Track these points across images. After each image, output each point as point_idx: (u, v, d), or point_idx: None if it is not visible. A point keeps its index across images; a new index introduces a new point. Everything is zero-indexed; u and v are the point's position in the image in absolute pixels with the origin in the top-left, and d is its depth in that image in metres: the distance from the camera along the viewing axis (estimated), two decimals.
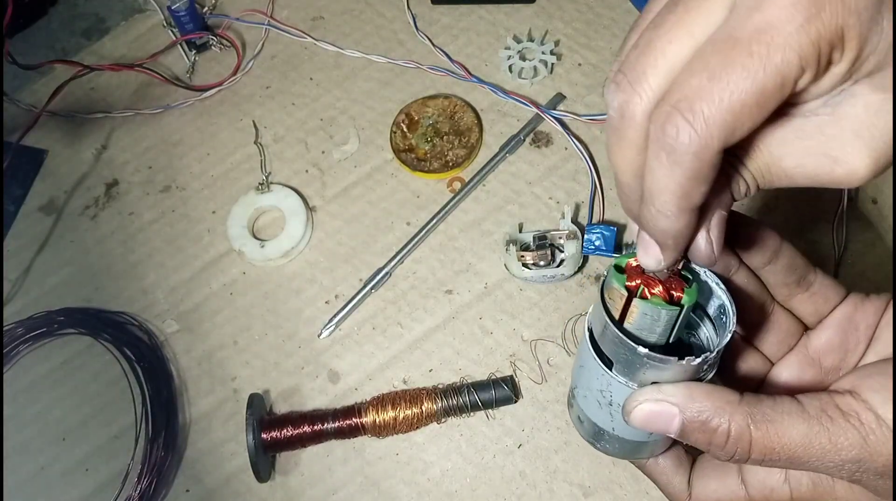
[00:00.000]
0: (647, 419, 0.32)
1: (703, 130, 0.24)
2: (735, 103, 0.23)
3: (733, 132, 0.24)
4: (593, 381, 0.36)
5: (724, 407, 0.31)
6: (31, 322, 0.60)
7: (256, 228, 0.64)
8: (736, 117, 0.24)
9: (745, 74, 0.23)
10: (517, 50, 0.67)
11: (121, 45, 0.74)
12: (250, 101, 0.69)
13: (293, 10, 0.73)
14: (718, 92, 0.23)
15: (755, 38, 0.23)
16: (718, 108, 0.23)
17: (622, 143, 0.27)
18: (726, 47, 0.23)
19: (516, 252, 0.57)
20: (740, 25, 0.23)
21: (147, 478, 0.53)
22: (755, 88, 0.23)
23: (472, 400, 0.53)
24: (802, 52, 0.23)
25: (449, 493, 0.52)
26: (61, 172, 0.68)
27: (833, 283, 0.38)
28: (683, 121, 0.24)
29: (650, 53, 0.25)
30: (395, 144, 0.64)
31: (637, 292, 0.32)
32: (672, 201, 0.26)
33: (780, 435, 0.31)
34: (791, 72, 0.23)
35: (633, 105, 0.26)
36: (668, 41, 0.25)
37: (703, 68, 0.24)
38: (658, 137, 0.25)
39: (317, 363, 0.58)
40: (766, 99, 0.24)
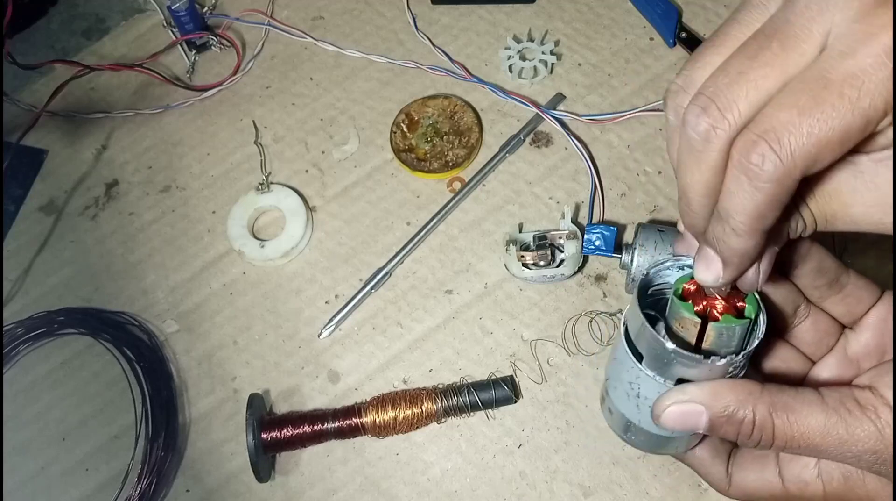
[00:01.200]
0: (676, 419, 0.34)
1: (788, 159, 0.26)
2: (821, 138, 0.25)
3: (814, 164, 0.26)
4: (623, 373, 0.37)
5: (746, 399, 0.33)
6: (31, 322, 0.60)
7: (256, 228, 0.64)
8: (819, 151, 0.26)
9: (834, 114, 0.25)
10: (517, 50, 0.67)
11: (121, 45, 0.74)
12: (250, 101, 0.69)
13: (293, 10, 0.73)
14: (807, 126, 0.25)
15: (847, 82, 0.25)
16: (805, 141, 0.25)
17: (701, 164, 0.28)
18: (818, 87, 0.25)
19: (516, 252, 0.57)
20: (833, 68, 0.25)
21: (147, 478, 0.53)
22: (842, 127, 0.25)
23: (472, 400, 0.53)
24: (888, 99, 0.25)
25: (449, 493, 0.52)
26: (61, 172, 0.68)
27: (867, 284, 0.38)
28: (770, 150, 0.26)
29: (743, 84, 0.27)
30: (395, 144, 0.64)
31: (707, 315, 0.33)
32: (747, 222, 0.28)
33: (799, 424, 0.32)
34: (876, 115, 0.25)
35: (720, 132, 0.27)
36: (762, 75, 0.27)
37: (793, 104, 0.26)
38: (741, 163, 0.27)
39: (317, 363, 0.58)
40: (848, 137, 0.25)
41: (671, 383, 0.35)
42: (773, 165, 0.26)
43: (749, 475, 0.38)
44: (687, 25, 0.67)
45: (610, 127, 0.64)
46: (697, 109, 0.28)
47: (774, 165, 0.26)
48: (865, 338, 0.38)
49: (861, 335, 0.38)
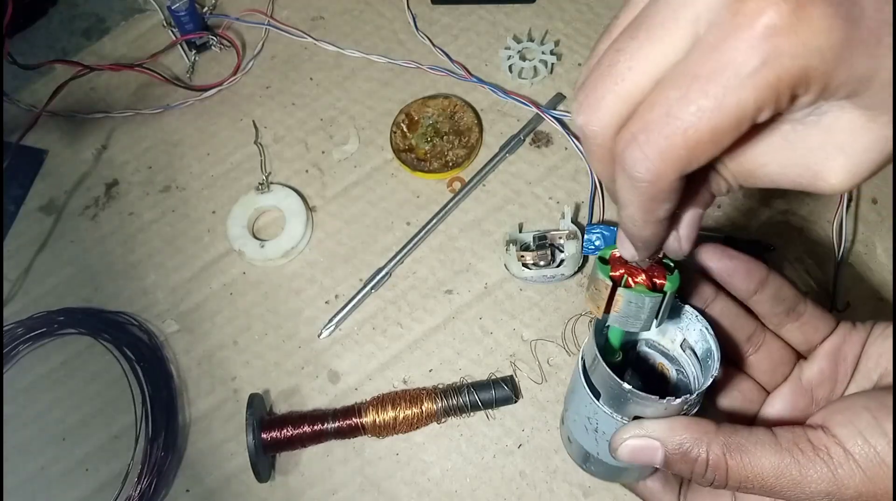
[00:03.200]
0: (632, 453, 0.34)
1: (658, 163, 0.25)
2: (690, 140, 0.24)
3: (689, 164, 0.25)
4: (582, 407, 0.38)
5: (701, 438, 0.33)
6: (31, 322, 0.60)
7: (256, 228, 0.64)
8: (691, 152, 0.24)
9: (700, 114, 0.23)
10: (517, 50, 0.67)
11: (121, 45, 0.74)
12: (250, 101, 0.69)
13: (293, 10, 0.73)
14: (673, 127, 0.24)
15: (711, 79, 0.23)
16: (672, 143, 0.24)
17: (591, 156, 0.28)
18: (685, 83, 0.24)
19: (516, 252, 0.57)
20: (699, 62, 0.24)
21: (147, 478, 0.53)
22: (709, 127, 0.24)
23: (472, 400, 0.53)
24: (758, 95, 0.23)
25: (449, 493, 0.52)
26: (61, 172, 0.68)
27: (823, 313, 0.39)
28: (641, 152, 0.25)
29: (610, 77, 0.26)
30: (395, 144, 0.64)
31: (621, 281, 0.33)
32: (637, 215, 0.28)
33: (753, 465, 0.32)
34: (746, 112, 0.23)
35: (593, 127, 0.26)
36: (628, 67, 0.25)
37: (662, 102, 0.24)
38: (619, 162, 0.26)
39: (317, 363, 0.58)
40: (720, 136, 0.24)
41: (627, 419, 0.36)
42: (645, 168, 0.25)
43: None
44: None
45: None
46: (575, 105, 0.27)
47: (646, 167, 0.25)
48: (819, 366, 0.39)
49: (814, 364, 0.39)
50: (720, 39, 0.23)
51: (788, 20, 0.22)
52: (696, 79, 0.23)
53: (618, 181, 0.27)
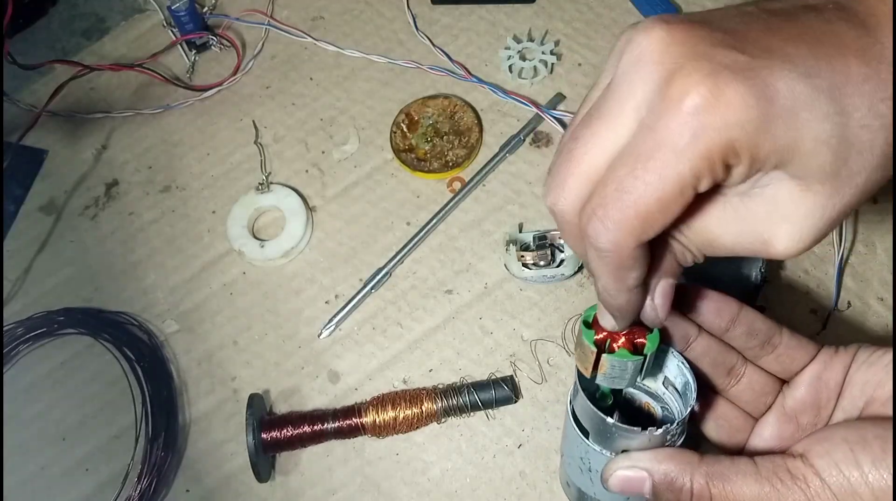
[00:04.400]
0: (622, 484, 0.36)
1: (616, 233, 0.28)
2: (640, 210, 0.27)
3: (644, 232, 0.28)
4: (574, 449, 0.40)
5: (685, 468, 0.34)
6: (31, 322, 0.60)
7: (256, 228, 0.64)
8: (644, 222, 0.28)
9: (646, 186, 0.27)
10: (517, 50, 0.67)
11: (121, 45, 0.74)
12: (250, 101, 0.69)
13: (293, 10, 0.73)
14: (625, 201, 0.27)
15: (651, 156, 0.27)
16: (626, 215, 0.27)
17: (563, 233, 0.31)
18: (630, 161, 0.27)
19: (516, 252, 0.57)
20: (641, 142, 0.27)
21: (147, 478, 0.53)
22: (655, 197, 0.27)
23: (472, 400, 0.53)
24: (693, 166, 0.26)
25: (449, 493, 0.52)
26: (61, 172, 0.68)
27: (801, 342, 0.40)
28: (600, 225, 0.28)
29: (570, 162, 0.29)
30: (395, 144, 0.64)
31: (605, 345, 0.36)
32: (609, 284, 0.31)
33: (735, 493, 0.33)
34: (686, 181, 0.27)
35: (560, 206, 0.30)
36: (584, 152, 0.29)
37: (612, 179, 0.28)
38: (585, 235, 0.29)
39: (317, 363, 0.58)
40: (666, 205, 0.27)
41: (616, 454, 0.37)
42: (606, 239, 0.28)
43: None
44: None
45: None
46: (545, 188, 0.31)
47: (606, 238, 0.28)
48: (800, 394, 0.39)
49: (796, 391, 0.40)
50: (655, 121, 0.27)
51: (709, 99, 0.25)
52: (640, 157, 0.27)
53: (588, 254, 0.30)
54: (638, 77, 0.27)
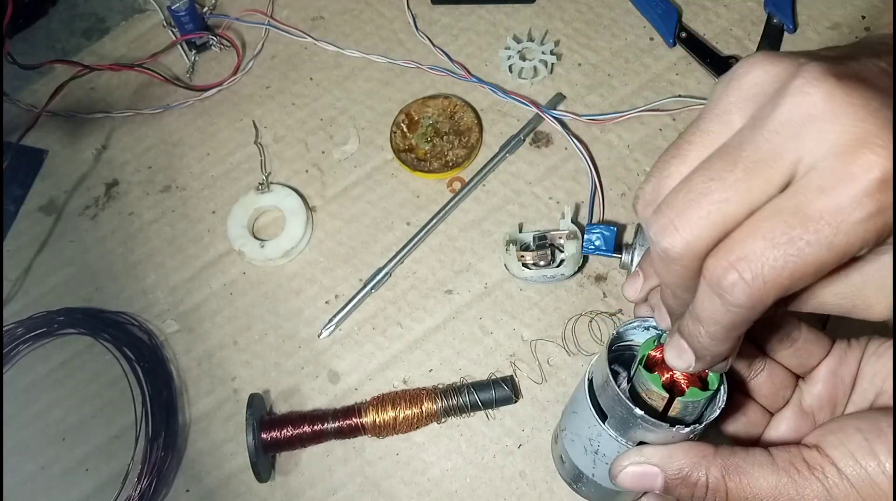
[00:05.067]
0: (633, 480, 0.35)
1: (760, 289, 0.26)
2: (795, 272, 0.26)
3: (786, 291, 0.27)
4: (584, 429, 0.38)
5: (700, 462, 0.34)
6: (31, 322, 0.60)
7: (256, 228, 0.64)
8: (792, 282, 0.26)
9: (809, 250, 0.25)
10: (517, 50, 0.67)
11: (121, 45, 0.74)
12: (250, 101, 0.69)
13: (293, 10, 0.73)
14: (781, 259, 0.26)
15: (824, 220, 0.25)
16: (779, 273, 0.26)
17: (671, 274, 0.29)
18: (793, 220, 0.25)
19: (516, 252, 0.57)
20: (810, 203, 0.25)
21: (147, 478, 0.53)
22: (816, 262, 0.26)
23: (472, 400, 0.53)
24: (866, 238, 0.25)
25: (449, 493, 0.52)
26: (61, 172, 0.68)
27: (818, 337, 0.39)
28: (742, 281, 0.26)
29: (705, 206, 0.27)
30: (395, 144, 0.64)
31: (673, 388, 0.35)
32: (721, 332, 0.29)
33: (752, 486, 0.33)
34: (851, 250, 0.26)
35: (678, 250, 0.28)
36: (725, 199, 0.27)
37: (768, 235, 0.26)
38: (714, 285, 0.27)
39: (317, 363, 0.58)
40: (822, 270, 0.26)
41: (631, 444, 0.36)
42: (745, 294, 0.26)
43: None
44: (687, 25, 0.67)
45: (610, 127, 0.64)
46: (658, 227, 0.28)
47: (746, 294, 0.26)
48: (818, 390, 0.39)
49: (813, 387, 0.39)
50: (832, 186, 0.25)
51: (891, 175, 0.24)
52: (808, 217, 0.25)
53: (705, 300, 0.28)
54: (809, 132, 0.26)
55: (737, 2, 0.68)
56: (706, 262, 0.27)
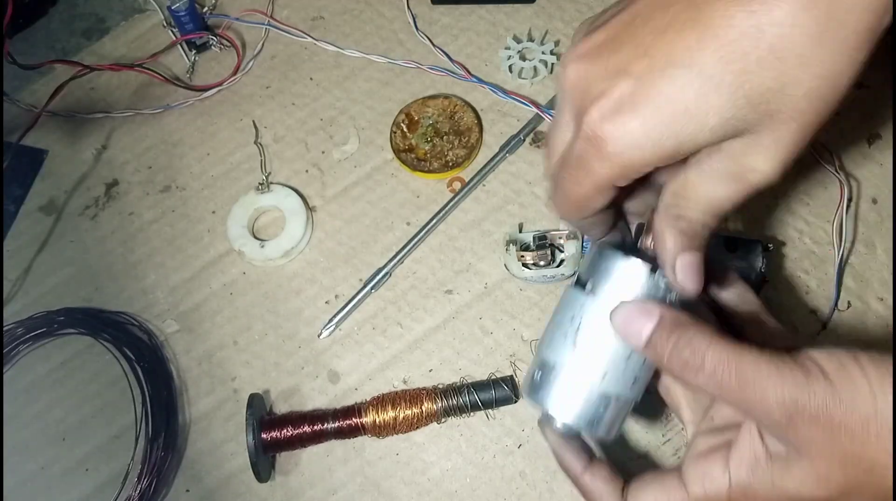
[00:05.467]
0: (626, 318, 0.36)
1: (562, 211, 0.39)
2: (572, 200, 0.37)
3: (582, 211, 0.38)
4: (566, 312, 0.38)
5: (703, 327, 0.35)
6: (31, 322, 0.60)
7: (256, 228, 0.64)
8: (578, 206, 0.38)
9: (572, 186, 0.37)
10: (517, 50, 0.67)
11: (121, 45, 0.74)
12: (250, 101, 0.69)
13: (293, 10, 0.73)
14: (561, 193, 0.38)
15: (576, 165, 0.36)
16: (565, 202, 0.38)
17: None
18: (564, 166, 0.37)
19: (516, 252, 0.57)
20: (569, 155, 0.37)
21: (147, 478, 0.53)
22: (580, 194, 0.37)
23: (472, 400, 0.53)
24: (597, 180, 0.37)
25: (449, 493, 0.52)
26: (61, 172, 0.68)
27: (784, 334, 0.42)
28: (554, 203, 0.40)
29: (547, 155, 0.40)
30: (395, 144, 0.64)
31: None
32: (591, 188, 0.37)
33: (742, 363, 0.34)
34: (600, 186, 0.36)
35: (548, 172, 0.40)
36: (548, 153, 0.39)
37: (555, 176, 0.39)
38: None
39: (317, 363, 0.58)
40: (589, 198, 0.36)
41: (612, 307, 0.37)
42: (559, 212, 0.39)
43: (647, 491, 0.38)
44: None
45: None
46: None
47: (559, 212, 0.39)
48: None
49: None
50: (574, 143, 0.36)
51: (603, 133, 0.35)
52: (568, 166, 0.36)
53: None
54: (562, 107, 0.37)
55: None
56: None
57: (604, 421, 0.38)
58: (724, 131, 0.32)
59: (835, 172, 0.57)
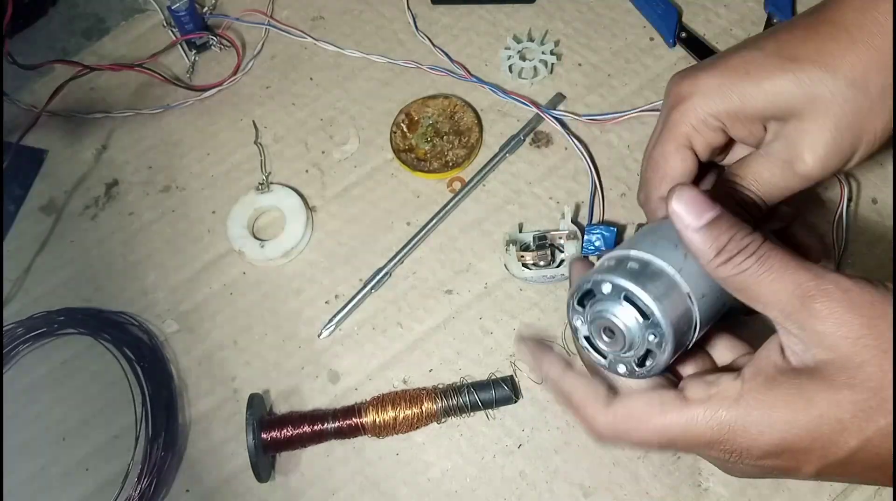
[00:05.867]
0: (693, 196, 0.35)
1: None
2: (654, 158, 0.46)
3: (666, 171, 0.44)
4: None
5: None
6: (31, 322, 0.60)
7: (256, 228, 0.64)
8: (659, 165, 0.45)
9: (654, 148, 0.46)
10: (517, 50, 0.67)
11: (121, 45, 0.74)
12: (250, 101, 0.69)
13: (293, 10, 0.73)
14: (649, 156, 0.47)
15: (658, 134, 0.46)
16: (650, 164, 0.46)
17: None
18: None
19: (516, 252, 0.57)
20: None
21: (147, 478, 0.53)
22: (659, 152, 0.45)
23: (472, 400, 0.53)
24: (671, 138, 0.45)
25: (449, 493, 0.52)
26: (61, 172, 0.68)
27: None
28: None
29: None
30: (395, 144, 0.64)
31: None
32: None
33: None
34: (679, 142, 0.44)
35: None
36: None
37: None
38: None
39: (317, 363, 0.58)
40: (667, 155, 0.44)
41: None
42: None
43: (638, 398, 0.37)
44: (687, 25, 0.67)
45: (610, 127, 0.64)
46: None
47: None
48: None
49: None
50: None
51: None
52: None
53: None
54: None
55: (737, 2, 0.68)
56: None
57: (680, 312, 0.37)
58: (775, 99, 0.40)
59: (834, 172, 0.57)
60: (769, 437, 0.33)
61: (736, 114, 0.41)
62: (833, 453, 0.33)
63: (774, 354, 0.35)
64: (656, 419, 0.35)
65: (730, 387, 0.35)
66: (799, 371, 0.34)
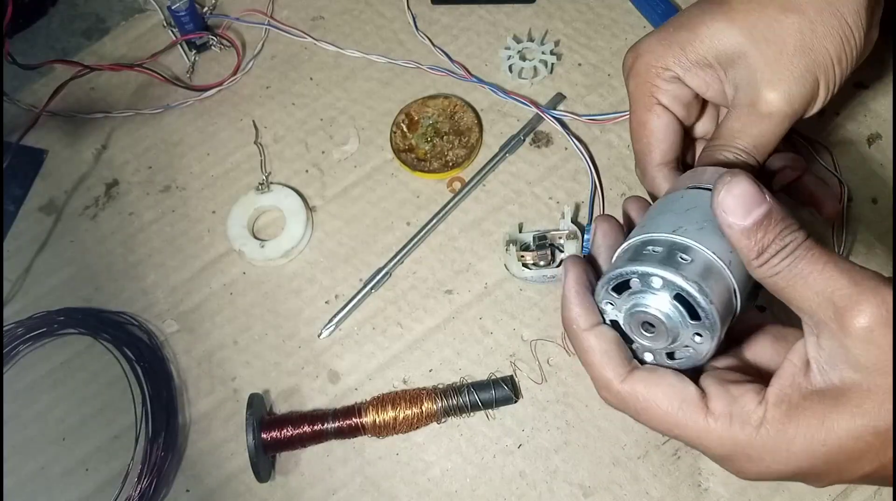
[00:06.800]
0: (744, 190, 0.32)
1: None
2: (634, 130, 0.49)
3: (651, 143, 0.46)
4: (699, 210, 0.37)
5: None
6: (31, 322, 0.60)
7: (256, 228, 0.64)
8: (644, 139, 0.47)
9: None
10: (517, 50, 0.67)
11: (121, 45, 0.74)
12: (250, 101, 0.69)
13: (293, 10, 0.73)
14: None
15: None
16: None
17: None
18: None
19: (516, 252, 0.57)
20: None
21: (147, 478, 0.53)
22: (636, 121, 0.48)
23: (472, 400, 0.53)
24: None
25: (449, 493, 0.52)
26: (61, 172, 0.68)
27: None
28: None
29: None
30: (395, 144, 0.64)
31: None
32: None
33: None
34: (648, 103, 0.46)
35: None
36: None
37: None
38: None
39: (317, 363, 0.58)
40: (644, 122, 0.47)
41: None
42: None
43: (659, 387, 0.35)
44: None
45: (610, 127, 0.64)
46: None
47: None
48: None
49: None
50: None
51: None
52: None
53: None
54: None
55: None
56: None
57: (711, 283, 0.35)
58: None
59: (834, 172, 0.57)
60: (784, 466, 0.33)
61: (682, 62, 0.43)
62: (846, 476, 0.32)
63: (799, 374, 0.33)
64: (671, 416, 0.34)
65: (752, 412, 0.33)
66: (823, 395, 0.32)
